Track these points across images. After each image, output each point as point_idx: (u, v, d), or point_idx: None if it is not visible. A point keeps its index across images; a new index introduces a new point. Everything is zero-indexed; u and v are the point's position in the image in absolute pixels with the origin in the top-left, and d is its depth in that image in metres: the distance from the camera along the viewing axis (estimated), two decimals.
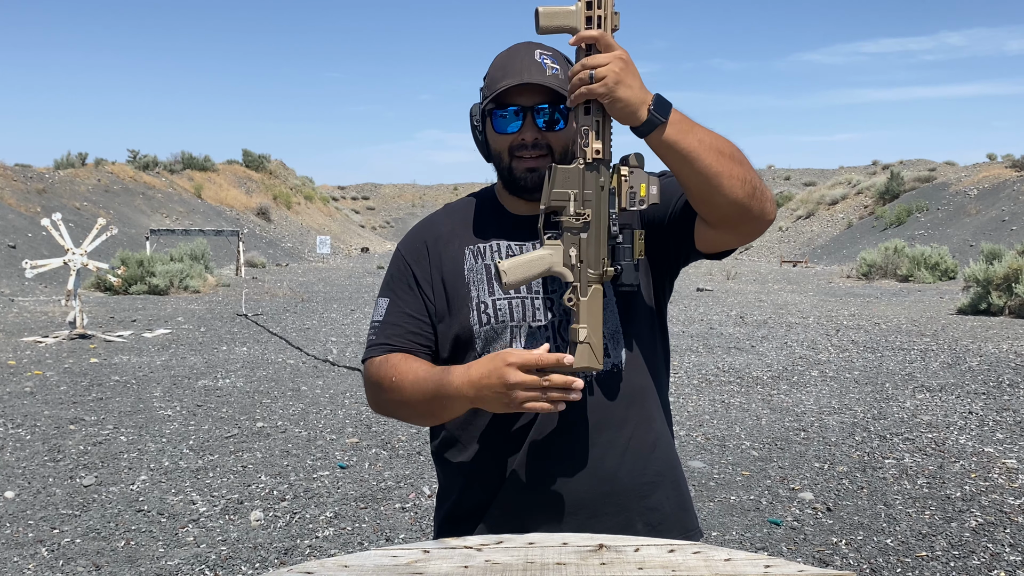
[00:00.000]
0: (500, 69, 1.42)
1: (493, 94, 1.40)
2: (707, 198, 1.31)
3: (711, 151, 1.27)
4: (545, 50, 1.43)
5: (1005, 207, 25.88)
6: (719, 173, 1.28)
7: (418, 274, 1.50)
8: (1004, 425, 5.79)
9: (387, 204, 67.28)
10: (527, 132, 1.40)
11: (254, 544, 3.77)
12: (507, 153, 1.43)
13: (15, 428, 5.80)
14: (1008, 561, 3.50)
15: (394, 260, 1.56)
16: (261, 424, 5.97)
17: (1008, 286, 12.27)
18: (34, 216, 21.59)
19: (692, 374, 7.89)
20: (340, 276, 24.15)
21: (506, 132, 1.42)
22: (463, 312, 1.45)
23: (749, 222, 1.35)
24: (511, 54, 1.43)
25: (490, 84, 1.43)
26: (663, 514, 1.47)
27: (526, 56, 1.41)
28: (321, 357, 8.97)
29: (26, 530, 3.92)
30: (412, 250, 1.53)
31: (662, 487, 1.48)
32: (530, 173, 1.42)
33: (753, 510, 4.21)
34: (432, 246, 1.51)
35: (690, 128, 1.27)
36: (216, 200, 35.10)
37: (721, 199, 1.30)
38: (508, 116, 1.41)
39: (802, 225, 37.81)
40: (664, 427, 1.51)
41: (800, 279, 22.05)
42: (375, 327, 1.51)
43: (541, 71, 1.39)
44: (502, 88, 1.39)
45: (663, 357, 1.54)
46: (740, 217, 1.33)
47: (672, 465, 1.52)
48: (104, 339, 10.06)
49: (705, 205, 1.34)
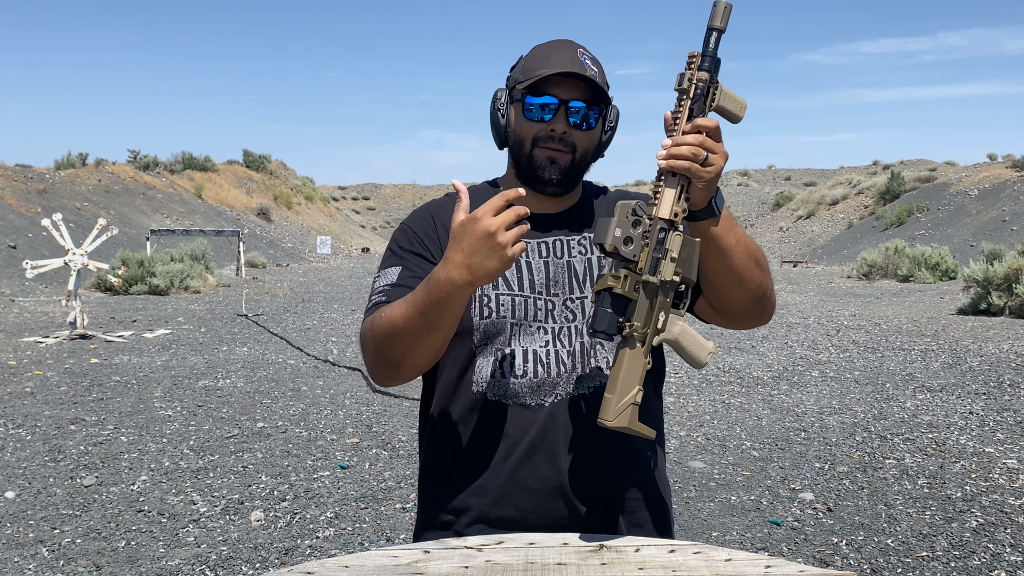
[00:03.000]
0: (541, 58, 1.42)
1: (532, 79, 1.40)
2: (722, 291, 1.39)
3: (744, 253, 1.35)
4: (586, 51, 1.44)
5: (1006, 207, 25.87)
6: (742, 275, 1.36)
7: (429, 244, 1.47)
8: (1005, 425, 5.79)
9: (387, 204, 67.29)
10: (558, 124, 1.40)
11: (254, 544, 3.77)
12: (531, 141, 1.42)
13: (16, 428, 5.80)
14: (1009, 561, 3.50)
15: (402, 233, 1.50)
16: (261, 424, 5.97)
17: (1008, 286, 12.26)
18: (35, 216, 21.60)
19: (692, 374, 7.89)
20: (340, 276, 24.15)
21: (536, 120, 1.41)
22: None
23: (746, 320, 1.45)
24: (554, 46, 1.44)
25: (528, 70, 1.42)
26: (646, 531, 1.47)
27: (570, 51, 1.42)
28: (321, 357, 8.97)
29: (27, 530, 3.93)
30: (421, 225, 1.50)
31: (648, 505, 1.48)
32: (550, 163, 1.42)
33: (754, 510, 4.21)
34: (440, 227, 1.49)
35: (732, 226, 1.34)
36: (216, 200, 35.11)
37: (734, 295, 1.39)
38: (542, 105, 1.40)
39: (802, 225, 37.81)
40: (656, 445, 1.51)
41: (800, 279, 22.04)
42: (384, 290, 1.42)
43: (583, 69, 1.40)
44: (543, 75, 1.39)
45: (659, 376, 1.55)
46: (742, 314, 1.44)
47: (662, 483, 1.52)
48: (104, 339, 10.07)
49: (715, 295, 1.41)
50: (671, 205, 1.28)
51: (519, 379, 1.40)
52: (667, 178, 1.28)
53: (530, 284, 1.44)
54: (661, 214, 1.28)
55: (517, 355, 1.42)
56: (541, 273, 1.45)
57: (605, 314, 1.26)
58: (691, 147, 1.24)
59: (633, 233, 1.26)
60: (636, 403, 1.27)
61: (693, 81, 1.28)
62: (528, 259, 1.46)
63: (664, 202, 1.28)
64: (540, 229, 1.48)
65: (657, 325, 1.29)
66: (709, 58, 1.28)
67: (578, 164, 1.43)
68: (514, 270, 1.45)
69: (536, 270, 1.45)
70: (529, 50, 1.48)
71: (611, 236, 1.24)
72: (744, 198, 47.76)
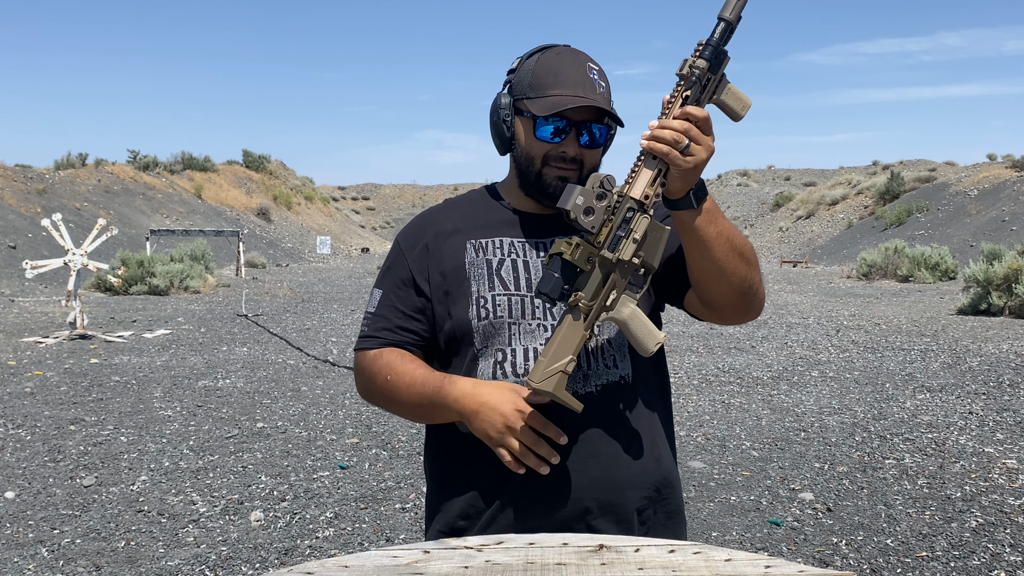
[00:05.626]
0: (551, 75, 1.41)
1: (546, 100, 1.39)
2: (704, 284, 1.39)
3: (725, 245, 1.34)
4: (593, 64, 1.43)
5: (1005, 207, 25.87)
6: (724, 268, 1.35)
7: (414, 267, 1.49)
8: (1004, 425, 5.79)
9: (387, 204, 67.29)
10: (570, 146, 1.40)
11: (254, 544, 3.77)
12: (540, 160, 1.42)
13: (15, 428, 5.80)
14: (1008, 561, 3.50)
15: (392, 251, 1.55)
16: (261, 424, 5.97)
17: (1008, 286, 12.26)
18: (34, 216, 21.60)
19: (692, 374, 7.89)
20: (340, 276, 24.15)
21: (548, 141, 1.41)
22: (461, 305, 1.44)
23: (731, 315, 1.44)
24: (562, 62, 1.42)
25: (537, 87, 1.41)
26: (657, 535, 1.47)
27: (580, 69, 1.41)
28: (321, 357, 8.97)
29: (26, 530, 3.92)
30: (410, 242, 1.52)
31: (657, 503, 1.47)
32: (560, 182, 1.41)
33: (753, 510, 4.21)
34: (432, 239, 1.50)
35: (714, 219, 1.33)
36: (216, 200, 35.11)
37: (715, 288, 1.38)
38: (555, 126, 1.40)
39: (802, 225, 37.82)
40: (666, 443, 1.51)
41: (800, 279, 22.04)
42: (367, 318, 1.52)
43: (593, 89, 1.39)
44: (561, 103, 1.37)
45: (665, 377, 1.56)
46: (725, 308, 1.43)
47: (670, 482, 1.50)
48: (104, 339, 10.07)
49: (698, 287, 1.41)
50: (643, 186, 1.28)
51: (521, 379, 1.40)
52: (646, 159, 1.28)
53: (527, 283, 1.44)
54: (632, 193, 1.28)
55: (518, 354, 1.42)
56: (539, 272, 1.44)
57: (551, 278, 1.27)
58: (674, 132, 1.24)
59: (596, 205, 1.27)
60: (566, 372, 1.28)
61: (692, 68, 1.28)
62: (526, 258, 1.46)
63: (638, 182, 1.28)
64: (538, 229, 1.48)
65: (605, 302, 1.29)
66: (712, 47, 1.28)
67: (584, 178, 1.43)
68: (511, 270, 1.45)
69: (534, 269, 1.45)
70: (529, 53, 1.46)
71: (572, 203, 1.26)
72: (744, 198, 47.76)
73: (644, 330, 1.32)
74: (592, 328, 1.30)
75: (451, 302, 1.46)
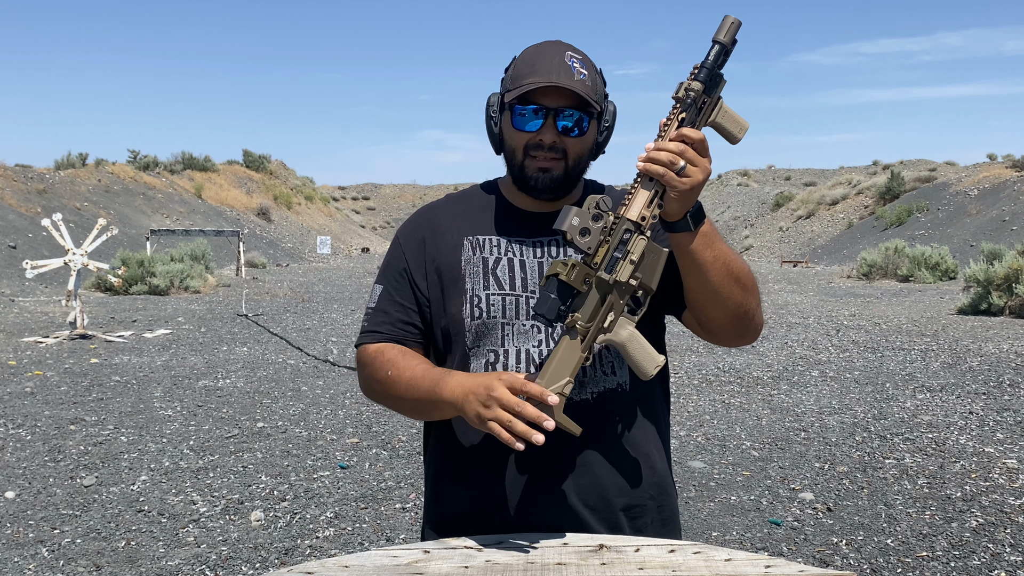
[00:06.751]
0: (528, 65, 1.39)
1: (518, 89, 1.37)
2: (699, 306, 1.39)
3: (722, 269, 1.33)
4: (575, 53, 1.41)
5: (1005, 207, 25.87)
6: (719, 292, 1.34)
7: (412, 263, 1.49)
8: (1004, 425, 5.79)
9: (387, 204, 67.29)
10: (546, 134, 1.38)
11: (254, 544, 3.77)
12: (522, 151, 1.41)
13: (16, 428, 5.80)
14: (1008, 561, 3.50)
15: (392, 246, 1.55)
16: (261, 424, 5.97)
17: (1008, 286, 12.26)
18: (35, 216, 21.60)
19: (692, 374, 7.89)
20: (340, 276, 24.14)
21: (525, 130, 1.39)
22: (456, 303, 1.44)
23: (725, 338, 1.43)
24: (541, 51, 1.40)
25: (515, 77, 1.40)
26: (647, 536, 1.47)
27: (557, 56, 1.38)
28: (321, 357, 8.97)
29: (27, 530, 3.93)
30: (410, 238, 1.52)
31: (651, 511, 1.47)
32: (542, 173, 1.40)
33: (753, 510, 4.21)
34: (430, 235, 1.50)
35: (711, 242, 1.32)
36: (216, 200, 35.11)
37: (710, 312, 1.38)
38: (529, 114, 1.38)
39: (802, 225, 37.81)
40: (661, 451, 1.50)
41: (800, 279, 22.04)
42: (368, 313, 1.51)
43: (570, 75, 1.36)
44: (528, 86, 1.36)
45: (665, 384, 1.55)
46: (719, 331, 1.42)
47: (664, 490, 1.50)
48: (104, 339, 10.07)
49: (693, 309, 1.41)
50: (640, 208, 1.28)
51: None
52: (643, 181, 1.28)
53: (523, 283, 1.43)
54: (628, 215, 1.28)
55: (510, 355, 1.41)
56: (535, 272, 1.44)
57: (547, 298, 1.27)
58: (670, 154, 1.24)
59: (592, 226, 1.26)
60: (563, 394, 1.26)
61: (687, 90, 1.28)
62: (522, 258, 1.45)
63: (634, 204, 1.28)
64: (536, 228, 1.47)
65: (603, 324, 1.29)
66: (707, 70, 1.28)
67: (572, 170, 1.41)
68: (507, 269, 1.44)
69: (530, 269, 1.44)
70: (521, 52, 1.46)
71: (567, 223, 1.26)
72: (744, 198, 47.74)
73: (643, 353, 1.31)
74: (590, 350, 1.30)
75: (446, 298, 1.45)
